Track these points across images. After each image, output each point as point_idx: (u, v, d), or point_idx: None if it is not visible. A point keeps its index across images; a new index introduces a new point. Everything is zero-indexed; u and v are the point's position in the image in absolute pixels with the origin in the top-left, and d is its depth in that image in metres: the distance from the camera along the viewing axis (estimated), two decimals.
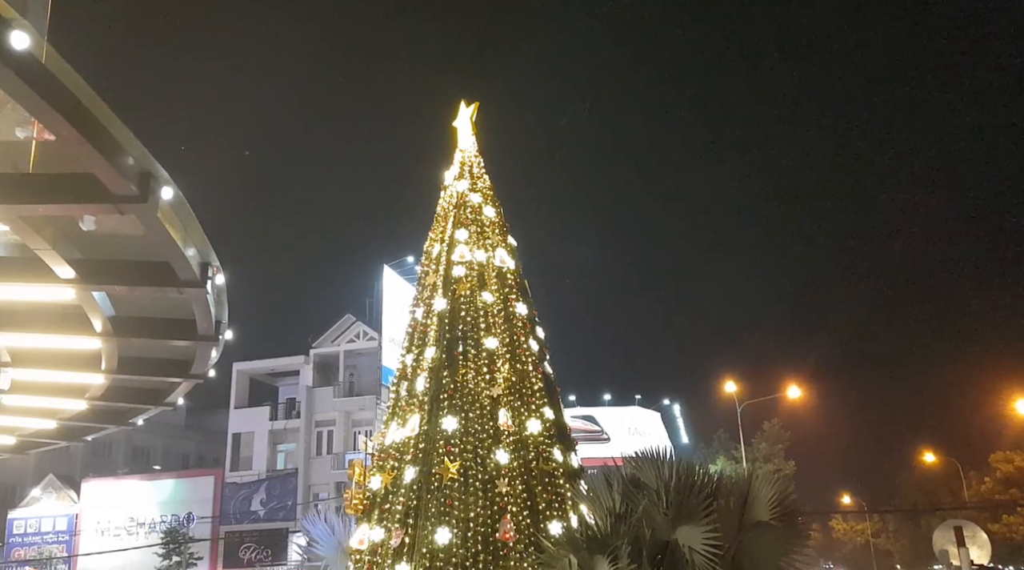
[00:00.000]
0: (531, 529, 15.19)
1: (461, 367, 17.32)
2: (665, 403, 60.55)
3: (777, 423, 51.29)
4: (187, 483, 40.40)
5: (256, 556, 35.86)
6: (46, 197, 10.59)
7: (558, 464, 16.76)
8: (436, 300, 18.53)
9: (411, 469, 16.44)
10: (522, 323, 18.37)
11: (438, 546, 15.22)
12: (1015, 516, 42.93)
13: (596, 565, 11.97)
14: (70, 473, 42.21)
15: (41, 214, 11.01)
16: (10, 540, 39.28)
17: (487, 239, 19.24)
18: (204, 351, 16.61)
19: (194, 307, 14.23)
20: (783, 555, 11.79)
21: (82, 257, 12.32)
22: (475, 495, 15.70)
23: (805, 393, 37.20)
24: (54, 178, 10.59)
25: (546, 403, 17.48)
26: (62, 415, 20.60)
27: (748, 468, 18.94)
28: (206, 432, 50.77)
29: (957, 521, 9.87)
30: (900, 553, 68.03)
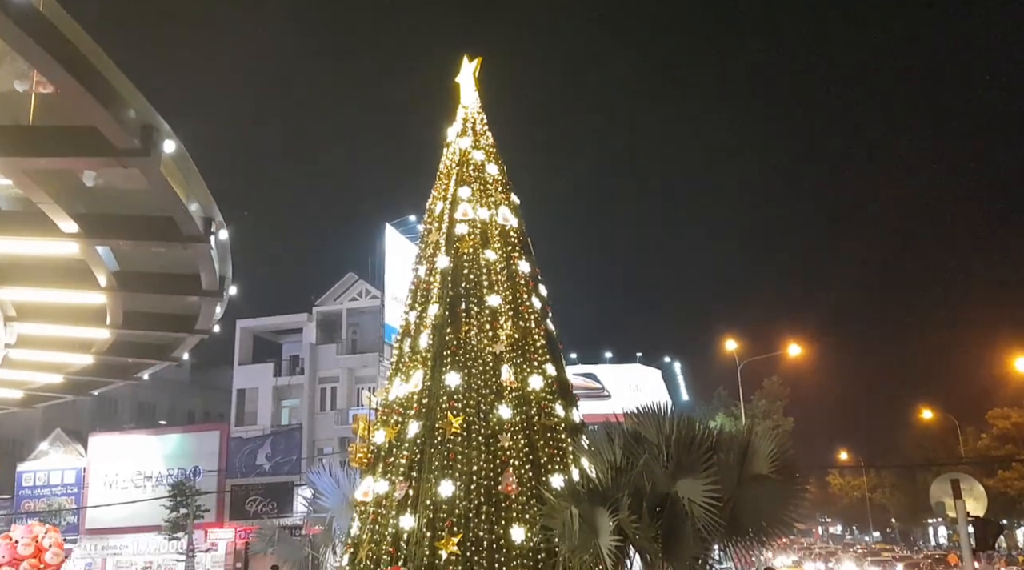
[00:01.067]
0: (533, 482, 15.43)
1: (464, 324, 17.42)
2: (666, 361, 61.00)
3: (777, 380, 51.69)
4: (193, 438, 40.83)
5: (262, 508, 36.38)
6: (47, 150, 10.55)
7: (560, 419, 16.95)
8: (439, 258, 18.55)
9: (415, 424, 16.63)
10: (524, 281, 18.42)
11: (442, 498, 15.48)
12: (1010, 471, 43.48)
13: (597, 517, 12.21)
14: (77, 428, 42.67)
15: (43, 167, 10.98)
16: (20, 492, 39.86)
17: (490, 197, 19.19)
18: (208, 306, 16.67)
19: (198, 262, 14.25)
20: (781, 508, 12.01)
21: (85, 211, 12.31)
22: (478, 449, 15.91)
23: (805, 351, 37.44)
24: (55, 131, 10.55)
25: (548, 360, 17.61)
26: (68, 369, 20.77)
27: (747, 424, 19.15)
28: (211, 388, 51.18)
29: (954, 474, 10.00)
30: (896, 507, 69.04)
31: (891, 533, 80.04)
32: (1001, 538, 38.04)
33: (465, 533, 15.06)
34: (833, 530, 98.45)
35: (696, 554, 12.00)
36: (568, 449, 16.39)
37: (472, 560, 14.83)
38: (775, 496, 11.95)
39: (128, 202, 12.81)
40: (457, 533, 15.04)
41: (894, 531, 79.37)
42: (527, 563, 14.69)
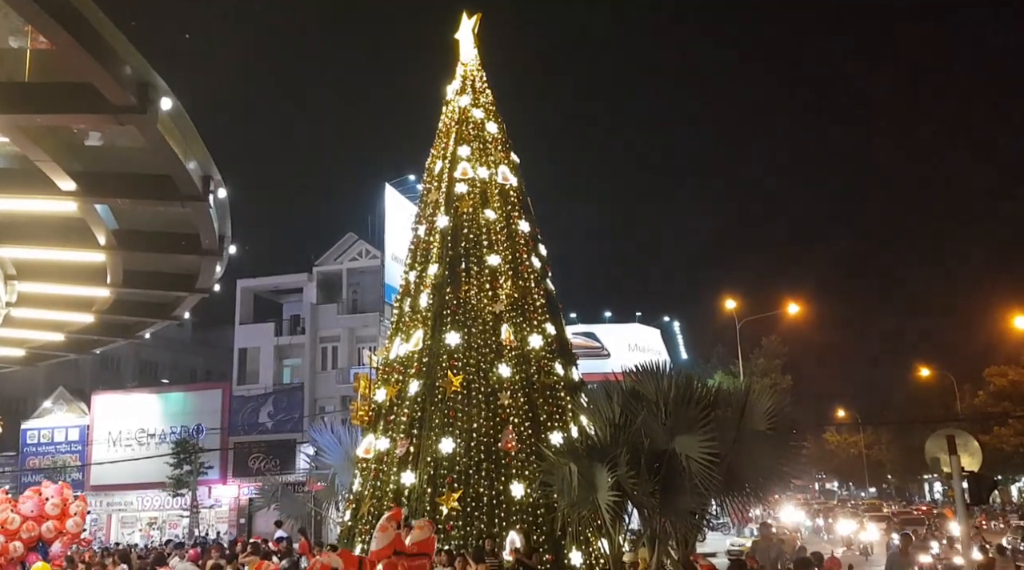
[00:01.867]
0: (532, 439, 15.64)
1: (464, 284, 17.49)
2: (665, 320, 61.19)
3: (776, 339, 51.90)
4: (195, 396, 41.13)
5: (265, 465, 36.79)
6: (43, 107, 10.45)
7: (559, 377, 17.09)
8: (438, 217, 18.53)
9: (415, 382, 16.78)
10: (524, 240, 18.42)
11: (442, 455, 15.69)
12: (1006, 428, 43.88)
13: (595, 473, 12.37)
14: (79, 386, 42.96)
15: (40, 124, 10.89)
16: (24, 449, 40.28)
17: (489, 156, 19.10)
18: (208, 265, 16.66)
19: (197, 221, 14.21)
20: (777, 463, 12.16)
21: (83, 169, 12.23)
22: (478, 407, 16.09)
23: (804, 310, 37.49)
24: (51, 87, 10.44)
25: (547, 319, 17.70)
26: (70, 328, 20.83)
27: (745, 382, 19.29)
28: (212, 347, 51.39)
29: (949, 430, 10.11)
30: (892, 463, 69.82)
31: (887, 489, 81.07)
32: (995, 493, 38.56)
33: (465, 489, 15.29)
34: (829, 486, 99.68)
35: (693, 509, 12.18)
36: (567, 407, 16.56)
37: (472, 515, 15.09)
38: (772, 452, 12.09)
39: (126, 160, 12.73)
40: (457, 489, 15.28)
41: (890, 487, 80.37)
42: (526, 518, 14.94)
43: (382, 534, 6.43)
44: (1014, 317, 33.11)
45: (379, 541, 6.40)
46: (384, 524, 6.58)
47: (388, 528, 6.51)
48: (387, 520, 6.67)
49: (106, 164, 12.81)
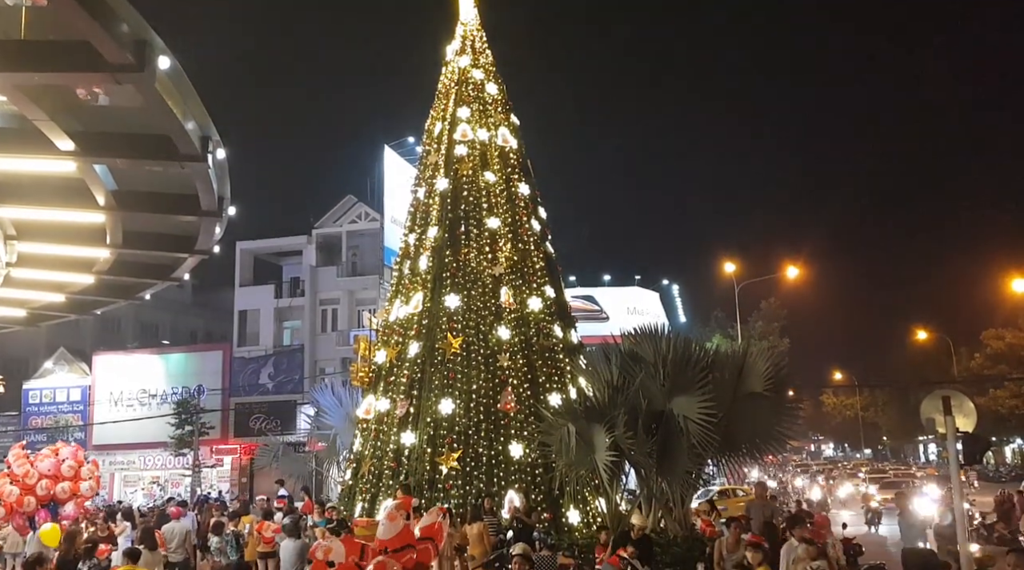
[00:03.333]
0: (531, 400, 15.78)
1: (463, 246, 17.49)
2: (664, 283, 61.28)
3: (774, 302, 52.02)
4: (196, 357, 41.32)
5: (266, 426, 37.07)
6: (40, 65, 10.35)
7: (558, 340, 17.19)
8: (438, 180, 18.46)
9: (415, 344, 16.88)
10: (524, 203, 18.38)
11: (442, 415, 15.85)
12: (1002, 390, 44.21)
13: (594, 433, 12.53)
14: (80, 347, 43.12)
15: (37, 83, 10.80)
16: (27, 409, 40.57)
17: (489, 117, 18.96)
18: (208, 226, 16.64)
19: (196, 182, 14.16)
20: (774, 425, 12.32)
21: (82, 129, 12.17)
22: (477, 368, 16.20)
23: (803, 273, 37.49)
24: (48, 46, 10.34)
25: (547, 282, 17.74)
26: (70, 289, 20.85)
27: (743, 344, 19.42)
28: (212, 309, 51.48)
29: (945, 391, 10.21)
30: (887, 425, 70.52)
31: (882, 450, 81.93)
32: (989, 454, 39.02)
33: (465, 449, 15.47)
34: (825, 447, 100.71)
35: (689, 469, 12.36)
36: (566, 369, 16.68)
37: (471, 475, 15.29)
38: (768, 413, 12.23)
39: (125, 120, 12.65)
40: (457, 449, 15.46)
41: (885, 448, 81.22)
42: (525, 478, 15.14)
43: (391, 523, 6.38)
44: (1012, 280, 33.17)
45: (388, 530, 6.35)
46: (392, 513, 6.54)
47: (397, 517, 6.47)
48: (396, 509, 6.64)
49: (105, 124, 12.74)
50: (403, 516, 6.48)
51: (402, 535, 6.27)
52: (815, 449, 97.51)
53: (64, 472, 17.09)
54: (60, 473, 17.02)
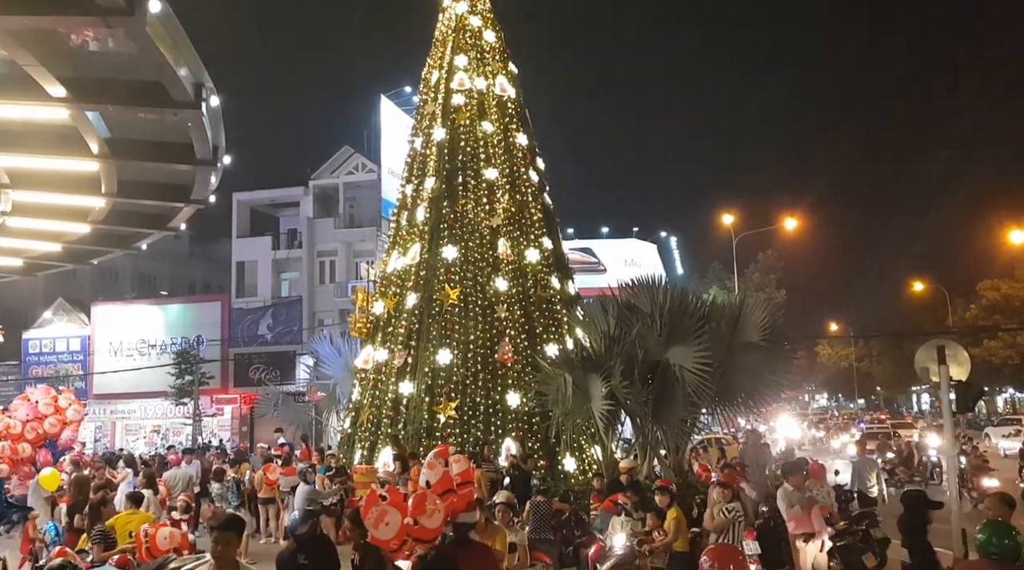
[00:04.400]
0: (528, 351, 15.88)
1: (461, 197, 17.40)
2: (662, 235, 61.15)
3: (771, 254, 52.07)
4: (195, 308, 41.41)
5: (265, 376, 37.34)
6: (31, 8, 10.16)
7: (555, 291, 17.23)
8: (435, 130, 18.27)
9: (412, 295, 16.91)
10: (522, 153, 18.24)
11: (440, 365, 15.96)
12: (996, 340, 44.52)
13: (590, 383, 12.64)
14: (79, 297, 43.14)
15: (26, 27, 10.61)
16: (27, 359, 40.79)
17: (487, 66, 18.69)
18: (203, 176, 16.52)
19: (190, 130, 14.02)
20: (769, 374, 12.43)
21: (73, 75, 11.98)
22: (475, 319, 16.27)
23: (800, 224, 37.39)
24: None
25: (545, 233, 17.71)
26: (66, 238, 20.78)
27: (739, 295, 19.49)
28: (210, 260, 51.41)
29: (940, 340, 10.29)
30: (881, 376, 71.14)
31: (875, 400, 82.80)
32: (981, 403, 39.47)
33: (462, 398, 15.62)
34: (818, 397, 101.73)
35: (685, 417, 12.50)
36: (563, 320, 16.76)
37: (469, 423, 15.47)
38: (764, 363, 12.33)
39: (116, 66, 12.46)
40: (455, 398, 15.61)
41: (878, 399, 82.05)
42: (522, 426, 15.33)
43: (430, 471, 6.62)
44: (1008, 231, 33.14)
45: (430, 477, 6.57)
46: (432, 461, 6.75)
47: (436, 465, 6.69)
48: (435, 457, 6.84)
49: (96, 70, 12.55)
50: (442, 463, 6.71)
51: (443, 481, 6.49)
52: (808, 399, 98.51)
53: (43, 411, 17.54)
54: (39, 413, 17.47)
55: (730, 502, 8.47)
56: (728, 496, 8.52)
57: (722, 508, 8.38)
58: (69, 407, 18.06)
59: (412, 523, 6.15)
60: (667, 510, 8.92)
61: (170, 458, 19.61)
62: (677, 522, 8.71)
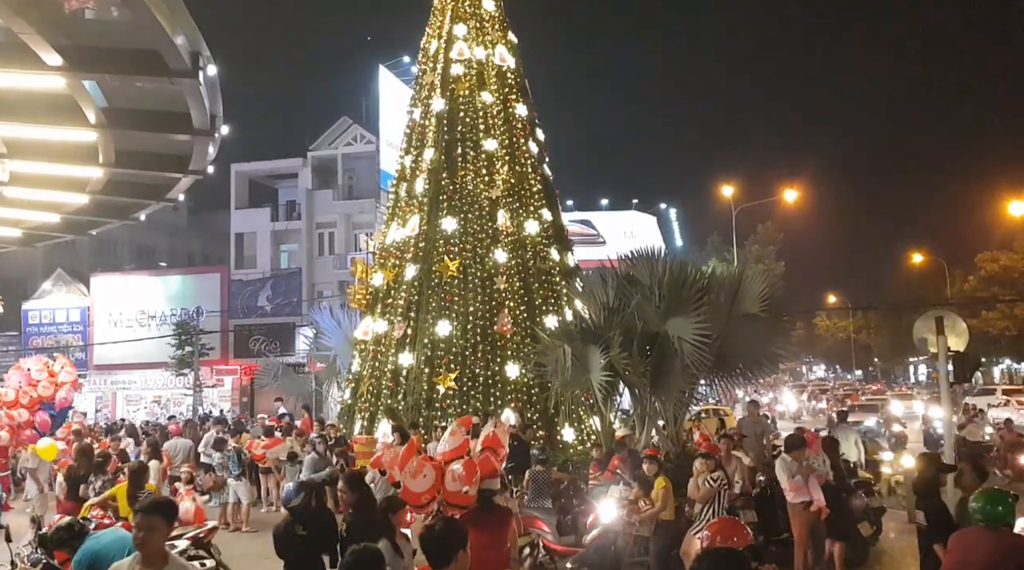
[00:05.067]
0: (527, 322, 15.92)
1: (460, 169, 17.32)
2: (662, 207, 61.03)
3: (771, 225, 52.01)
4: (194, 279, 41.40)
5: (265, 347, 37.49)
6: None
7: (554, 263, 17.22)
8: (434, 100, 18.14)
9: (412, 267, 16.90)
10: (522, 124, 18.12)
11: (439, 337, 16.00)
12: (994, 312, 44.59)
13: (589, 354, 12.68)
14: (78, 268, 43.13)
15: None
16: (27, 329, 40.87)
17: (486, 35, 18.51)
18: (201, 146, 16.43)
19: (187, 99, 13.91)
20: (767, 346, 12.46)
21: (69, 43, 11.87)
22: (474, 291, 16.28)
23: (800, 196, 37.25)
24: None
25: (544, 205, 17.65)
26: (65, 209, 20.72)
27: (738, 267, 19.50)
28: (209, 232, 51.32)
29: (938, 311, 10.34)
30: (879, 347, 71.48)
31: (872, 371, 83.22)
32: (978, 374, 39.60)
33: (462, 370, 15.69)
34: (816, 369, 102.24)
35: (683, 388, 12.55)
36: (562, 292, 16.77)
37: (468, 394, 15.55)
38: (762, 334, 12.35)
39: (112, 34, 12.34)
40: (454, 370, 15.68)
41: (875, 370, 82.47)
42: (521, 397, 15.41)
43: (452, 438, 6.96)
44: (1008, 203, 33.06)
45: (450, 443, 6.90)
46: (455, 430, 7.12)
47: (458, 433, 7.05)
48: (457, 426, 7.19)
49: (93, 39, 12.42)
50: (463, 432, 7.02)
51: (460, 448, 6.79)
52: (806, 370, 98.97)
53: (35, 376, 17.78)
54: (32, 379, 17.71)
55: (713, 472, 8.56)
56: (711, 466, 8.60)
57: (707, 478, 8.47)
58: (61, 370, 18.26)
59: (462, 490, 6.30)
60: (654, 479, 9.01)
61: (171, 428, 19.75)
62: (665, 491, 8.83)
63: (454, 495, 6.26)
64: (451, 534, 4.20)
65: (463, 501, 6.23)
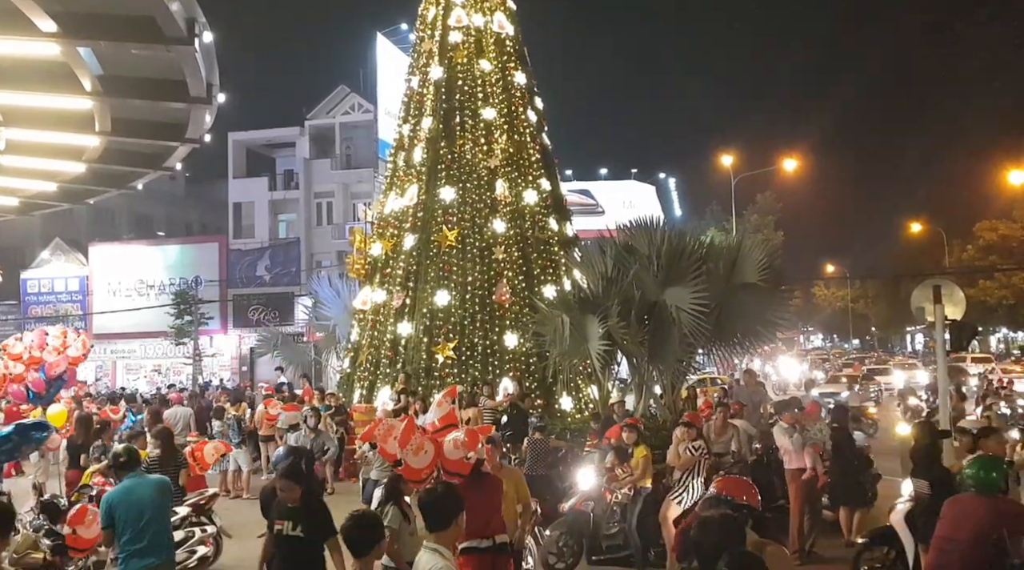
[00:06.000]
0: (526, 292, 15.96)
1: (458, 138, 17.24)
2: (660, 176, 60.78)
3: (770, 195, 51.84)
4: (192, 249, 41.31)
5: (264, 317, 37.54)
6: None
7: (553, 233, 17.23)
8: (432, 68, 18.00)
9: (410, 236, 16.90)
10: (520, 93, 18.01)
11: (437, 307, 16.06)
12: (992, 281, 44.65)
13: (587, 323, 12.73)
14: (76, 237, 42.99)
15: None
16: (26, 298, 40.84)
17: (485, 2, 18.31)
18: (197, 114, 16.33)
19: (183, 66, 13.81)
20: (765, 314, 12.50)
21: (63, 10, 11.75)
22: (473, 261, 16.31)
23: (799, 166, 37.08)
24: None
25: (543, 174, 17.61)
26: (61, 177, 20.64)
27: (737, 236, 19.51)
28: (206, 201, 51.03)
29: (936, 280, 10.36)
30: (876, 316, 71.65)
31: (869, 340, 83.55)
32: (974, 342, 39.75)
33: (460, 339, 15.77)
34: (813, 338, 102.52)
35: (680, 357, 12.62)
36: (560, 261, 16.80)
37: (467, 363, 15.65)
38: (760, 304, 12.39)
39: (108, 1, 12.22)
40: (453, 339, 15.75)
41: (872, 339, 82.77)
42: (519, 366, 15.50)
43: (439, 408, 7.06)
44: (1007, 172, 32.93)
45: (437, 413, 7.02)
46: (441, 400, 7.23)
47: (444, 403, 7.14)
48: (444, 396, 7.27)
49: (87, 4, 12.30)
50: (449, 402, 7.14)
51: (448, 417, 6.90)
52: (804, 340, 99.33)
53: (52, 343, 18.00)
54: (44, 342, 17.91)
55: (694, 441, 8.62)
56: (692, 435, 8.67)
57: (688, 446, 8.54)
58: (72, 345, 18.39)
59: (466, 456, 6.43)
60: (633, 448, 9.07)
61: (171, 396, 19.85)
62: (645, 460, 8.91)
63: (455, 463, 6.34)
64: (451, 498, 4.31)
65: (464, 469, 6.31)
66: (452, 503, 4.26)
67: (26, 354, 17.42)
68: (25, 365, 17.24)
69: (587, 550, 8.78)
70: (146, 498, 5.84)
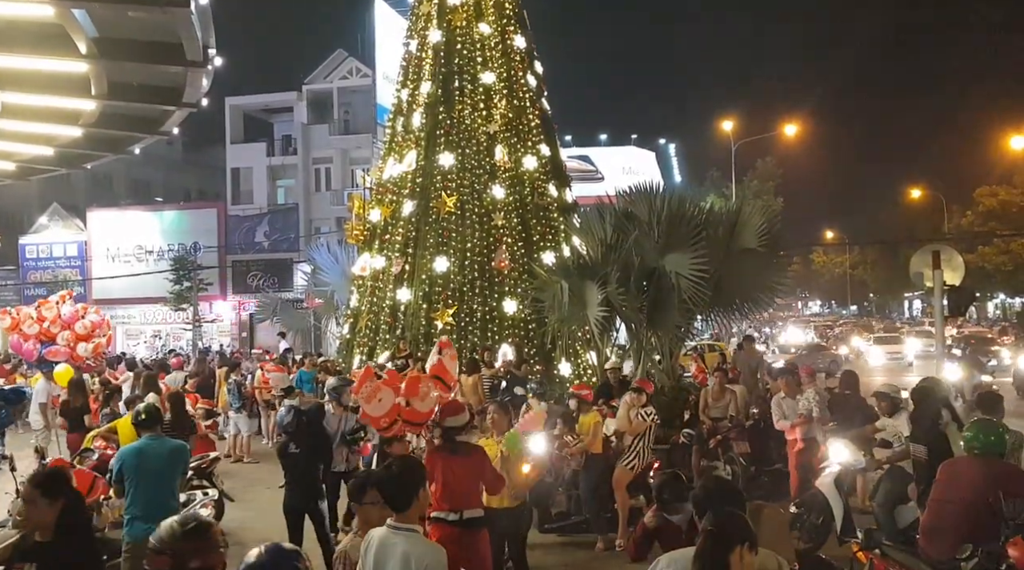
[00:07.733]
0: (525, 258, 15.95)
1: (457, 103, 17.09)
2: (660, 142, 60.44)
3: (770, 161, 51.64)
4: (190, 215, 41.25)
5: (263, 283, 37.59)
6: None
7: (552, 199, 17.16)
8: (431, 32, 17.78)
9: (409, 203, 16.84)
10: (520, 57, 17.81)
11: (436, 273, 16.05)
12: (991, 247, 44.64)
13: (586, 290, 12.76)
14: (73, 203, 42.88)
15: None
16: (25, 264, 40.86)
17: None
18: (194, 78, 16.16)
19: (179, 29, 13.65)
20: (764, 281, 12.53)
21: None
22: (472, 227, 16.26)
23: (799, 132, 36.88)
24: None
25: (542, 140, 17.48)
26: (58, 141, 20.49)
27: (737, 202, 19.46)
28: (204, 167, 50.79)
29: (935, 245, 10.38)
30: (875, 283, 71.73)
31: (867, 307, 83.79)
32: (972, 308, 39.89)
33: (459, 305, 15.78)
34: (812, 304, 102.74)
35: (680, 323, 12.67)
36: (560, 228, 16.75)
37: (466, 330, 15.67)
38: (759, 270, 12.41)
39: None
40: (452, 305, 15.77)
41: (871, 305, 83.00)
42: (518, 332, 15.53)
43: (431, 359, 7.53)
44: (1008, 138, 32.77)
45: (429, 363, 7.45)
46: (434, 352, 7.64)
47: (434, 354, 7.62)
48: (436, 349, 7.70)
49: None
50: (436, 351, 7.42)
51: (436, 368, 7.14)
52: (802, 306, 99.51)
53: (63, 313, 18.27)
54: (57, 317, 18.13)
55: (644, 407, 8.61)
56: (643, 401, 8.66)
57: (639, 412, 8.54)
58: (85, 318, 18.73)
59: (404, 404, 6.49)
60: (579, 416, 9.02)
61: (171, 361, 19.93)
62: (596, 427, 8.91)
63: (412, 412, 6.43)
64: (410, 473, 4.11)
65: (420, 418, 6.40)
66: (411, 478, 4.04)
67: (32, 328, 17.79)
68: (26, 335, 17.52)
69: (538, 519, 8.65)
70: (157, 462, 5.93)
